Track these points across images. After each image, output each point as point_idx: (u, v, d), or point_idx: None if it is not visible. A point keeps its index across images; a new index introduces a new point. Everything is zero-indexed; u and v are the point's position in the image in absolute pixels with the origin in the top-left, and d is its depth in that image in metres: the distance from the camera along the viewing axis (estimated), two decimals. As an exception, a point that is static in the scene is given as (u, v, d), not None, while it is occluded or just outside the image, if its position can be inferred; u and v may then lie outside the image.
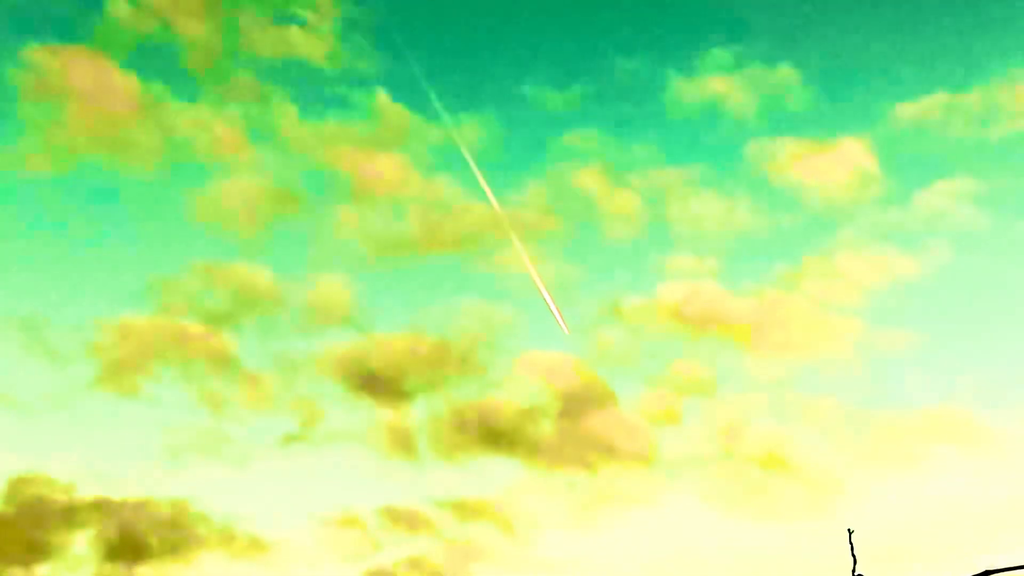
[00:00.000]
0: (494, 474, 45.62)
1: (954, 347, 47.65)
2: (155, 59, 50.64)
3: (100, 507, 41.34)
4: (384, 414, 46.16)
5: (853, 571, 7.58)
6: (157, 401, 46.02)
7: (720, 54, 50.72)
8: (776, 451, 44.74)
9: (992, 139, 48.05)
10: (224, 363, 46.39)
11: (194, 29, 49.94)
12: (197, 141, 49.47)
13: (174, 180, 50.69)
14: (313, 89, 51.56)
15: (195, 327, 46.84)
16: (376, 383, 45.87)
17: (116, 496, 42.08)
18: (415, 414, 46.07)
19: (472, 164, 47.64)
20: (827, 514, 41.19)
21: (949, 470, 42.90)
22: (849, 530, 7.38)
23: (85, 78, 47.66)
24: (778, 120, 50.22)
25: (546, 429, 45.56)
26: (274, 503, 44.16)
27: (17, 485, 41.65)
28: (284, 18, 51.14)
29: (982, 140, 48.17)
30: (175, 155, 49.84)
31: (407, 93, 50.81)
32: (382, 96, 50.08)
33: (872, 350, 47.34)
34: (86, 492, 41.86)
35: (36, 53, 48.34)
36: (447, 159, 50.44)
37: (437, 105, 50.01)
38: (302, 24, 50.53)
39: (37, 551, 40.31)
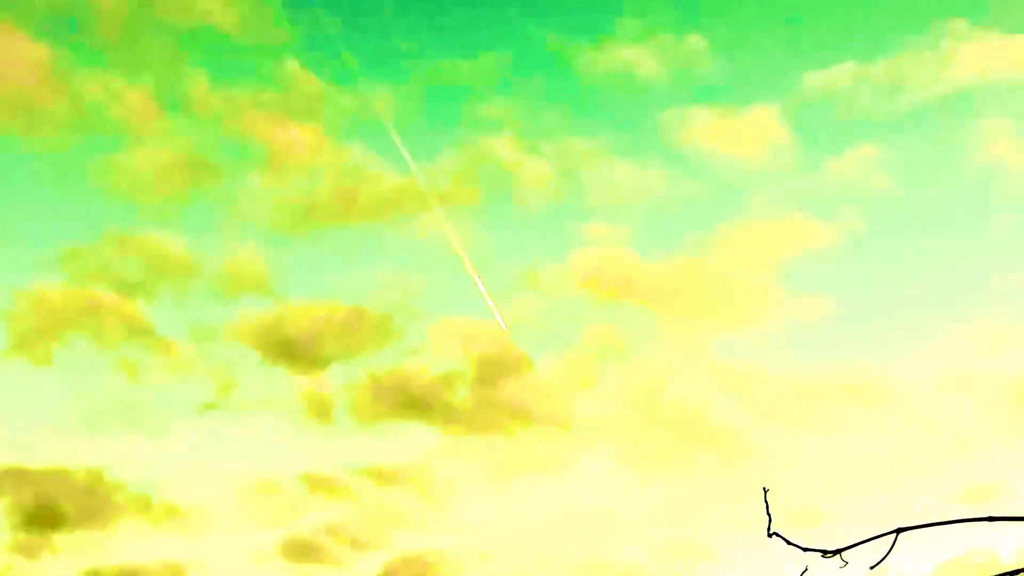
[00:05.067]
0: (412, 440, 45.86)
1: (867, 312, 48.53)
2: (65, 27, 49.93)
3: (15, 475, 41.07)
4: (301, 381, 46.20)
5: (768, 530, 7.77)
6: (72, 369, 45.73)
7: (630, 24, 50.91)
8: (692, 415, 45.37)
9: (899, 108, 48.79)
10: (139, 331, 46.12)
11: (105, -4, 49.27)
12: (108, 109, 48.86)
13: (85, 148, 50.11)
14: (225, 57, 51.14)
15: (109, 295, 46.49)
16: (292, 351, 45.87)
17: (31, 464, 41.86)
18: (332, 381, 46.14)
19: (392, 131, 47.55)
20: (743, 476, 41.89)
21: (862, 432, 43.76)
22: (764, 489, 7.59)
23: (-7, 44, 46.88)
24: (689, 89, 50.58)
25: (463, 395, 45.84)
26: (191, 471, 44.06)
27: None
28: (196, -16, 50.53)
29: (890, 109, 48.89)
30: (86, 123, 49.24)
31: (320, 61, 50.58)
32: (295, 64, 49.77)
33: (786, 315, 48.06)
34: (0, 461, 41.59)
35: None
36: (360, 128, 50.28)
37: (350, 73, 49.84)
38: (215, -10, 49.98)
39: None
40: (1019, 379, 42.91)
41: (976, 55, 47.59)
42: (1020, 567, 7.65)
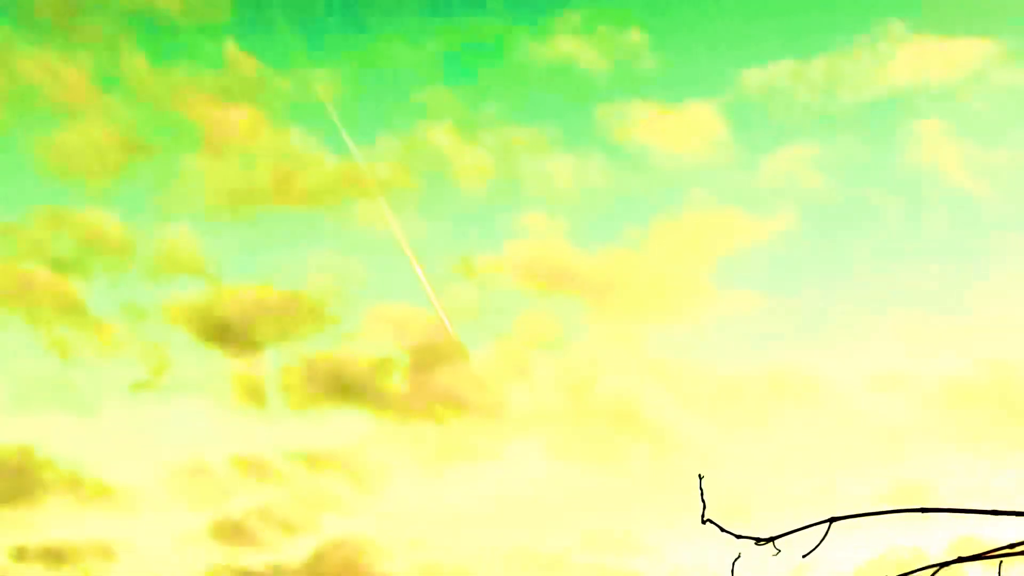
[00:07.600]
0: (345, 426, 45.82)
1: (799, 308, 48.93)
2: (3, 3, 49.42)
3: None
4: (234, 364, 46.00)
5: (702, 517, 7.84)
6: (2, 346, 45.34)
7: (571, 16, 51.03)
8: (624, 406, 45.59)
9: (836, 107, 49.23)
10: (71, 310, 45.74)
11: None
12: (45, 87, 48.37)
13: (21, 126, 49.60)
14: (164, 37, 50.69)
15: (41, 273, 46.08)
16: (226, 333, 45.66)
17: (-41, 442, 41.55)
18: (265, 365, 45.98)
19: (333, 115, 47.38)
20: (674, 468, 42.20)
21: (793, 427, 44.22)
22: (699, 475, 7.66)
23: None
24: (628, 83, 50.68)
25: (397, 382, 45.84)
26: (122, 450, 43.85)
27: None
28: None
29: (827, 107, 49.30)
30: (22, 101, 48.72)
31: (260, 44, 50.21)
32: (234, 46, 49.40)
33: (719, 310, 48.40)
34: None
35: None
36: (300, 112, 50.05)
37: (291, 56, 49.62)
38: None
39: None
40: (949, 379, 43.56)
41: (913, 57, 48.13)
42: (948, 559, 7.79)
